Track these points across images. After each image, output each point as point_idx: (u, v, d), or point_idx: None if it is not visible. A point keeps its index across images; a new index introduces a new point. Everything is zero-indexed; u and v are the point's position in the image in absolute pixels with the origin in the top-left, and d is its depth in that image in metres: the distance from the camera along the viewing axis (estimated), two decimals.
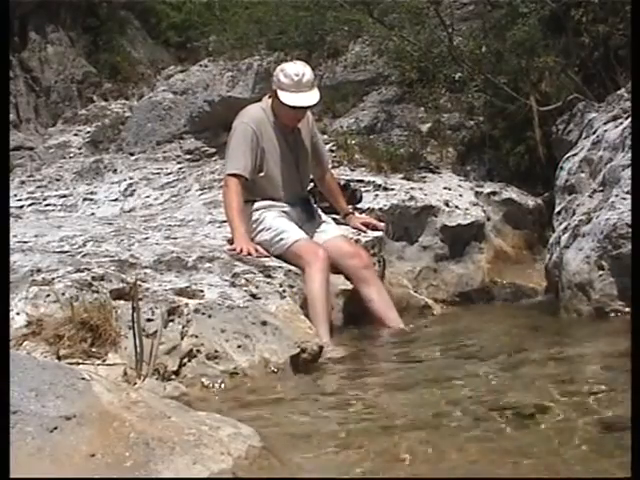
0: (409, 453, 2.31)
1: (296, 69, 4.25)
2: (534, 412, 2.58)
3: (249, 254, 4.06)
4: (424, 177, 5.76)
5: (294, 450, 2.41)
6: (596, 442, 2.28)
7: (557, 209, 4.77)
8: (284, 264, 4.11)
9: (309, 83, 4.26)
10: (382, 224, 4.83)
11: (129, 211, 6.09)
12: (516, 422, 2.50)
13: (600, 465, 2.13)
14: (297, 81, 4.21)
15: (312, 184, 4.75)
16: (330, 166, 4.98)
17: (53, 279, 3.36)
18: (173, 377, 3.18)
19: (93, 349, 3.08)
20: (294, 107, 4.24)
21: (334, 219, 4.67)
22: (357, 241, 4.62)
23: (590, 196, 4.43)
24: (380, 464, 2.27)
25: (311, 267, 4.07)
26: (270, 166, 4.31)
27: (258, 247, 4.16)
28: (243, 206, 4.22)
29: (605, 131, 4.59)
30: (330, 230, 4.46)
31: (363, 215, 4.86)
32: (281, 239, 4.22)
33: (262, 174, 4.30)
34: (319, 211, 4.59)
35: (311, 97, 4.27)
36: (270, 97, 4.38)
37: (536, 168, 5.77)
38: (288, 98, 4.21)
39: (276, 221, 4.27)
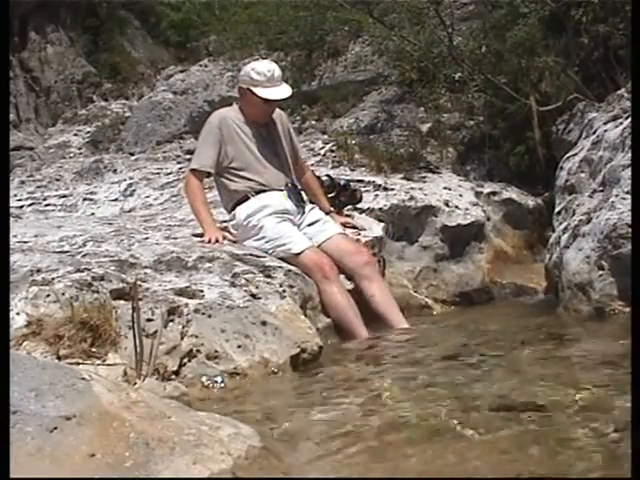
0: (409, 452, 2.31)
1: (267, 66, 4.50)
2: (533, 412, 2.58)
3: (217, 241, 4.22)
4: (424, 177, 5.76)
5: (294, 450, 2.41)
6: (596, 442, 2.28)
7: (557, 209, 4.77)
8: (284, 264, 4.11)
9: (279, 78, 4.48)
10: (363, 226, 4.81)
11: (129, 211, 6.09)
12: (515, 422, 2.50)
13: (600, 465, 2.13)
14: (270, 76, 4.42)
15: None
16: (311, 163, 5.09)
17: (53, 279, 3.36)
18: (173, 377, 3.17)
19: (93, 349, 3.08)
20: (271, 100, 4.42)
21: None
22: (357, 241, 4.63)
23: (590, 196, 4.43)
24: (380, 464, 2.26)
25: (324, 283, 4.17)
26: (247, 157, 4.44)
27: (226, 234, 4.35)
28: (206, 198, 4.47)
29: (605, 131, 4.58)
30: (330, 229, 4.48)
31: (345, 216, 4.84)
32: (285, 247, 4.26)
33: (235, 164, 4.43)
34: (317, 208, 4.60)
35: (285, 90, 4.49)
36: (237, 102, 4.58)
37: (536, 168, 5.77)
38: (264, 92, 4.40)
39: (276, 229, 4.30)
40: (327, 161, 6.12)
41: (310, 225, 4.46)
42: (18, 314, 3.16)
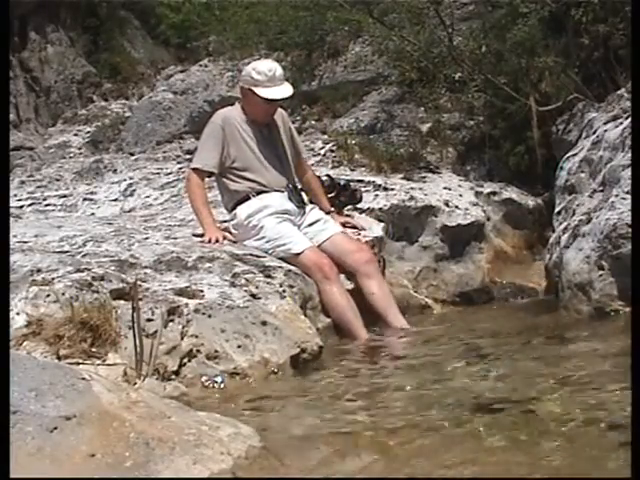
0: (409, 452, 2.31)
1: (268, 65, 4.47)
2: (533, 412, 2.58)
3: (217, 241, 4.22)
4: (424, 177, 5.75)
5: (294, 450, 2.41)
6: (596, 442, 2.28)
7: (557, 209, 4.77)
8: (284, 264, 4.11)
9: (281, 77, 4.46)
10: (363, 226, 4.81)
11: (129, 211, 6.08)
12: (516, 422, 2.50)
13: (600, 465, 2.13)
14: (271, 76, 4.39)
15: None
16: (311, 163, 5.11)
17: (53, 279, 3.36)
18: (173, 377, 3.17)
19: (93, 349, 3.08)
20: (272, 100, 4.39)
21: None
22: (357, 240, 4.62)
23: (590, 196, 4.43)
24: (380, 463, 2.27)
25: (324, 283, 4.17)
26: (249, 157, 4.42)
27: (226, 234, 4.35)
28: (207, 197, 4.46)
29: (605, 131, 4.59)
30: (330, 228, 4.48)
31: (345, 216, 4.83)
32: (285, 247, 4.25)
33: (237, 165, 4.42)
34: (317, 208, 4.59)
35: (286, 90, 4.46)
36: (240, 101, 4.55)
37: (536, 168, 5.76)
38: (265, 92, 4.37)
39: (277, 229, 4.30)
40: (327, 161, 6.11)
41: (310, 225, 4.46)
42: (18, 314, 3.16)
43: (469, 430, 2.47)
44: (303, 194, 4.56)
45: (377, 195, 5.28)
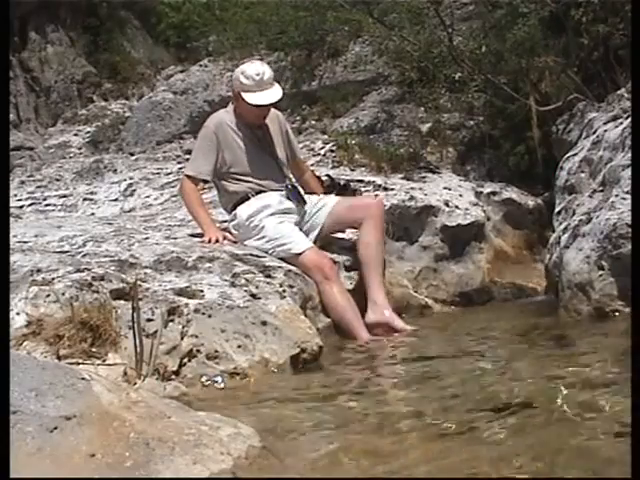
0: (409, 452, 2.31)
1: (256, 69, 4.40)
2: (533, 412, 2.58)
3: (217, 241, 4.22)
4: (424, 177, 5.76)
5: (294, 450, 2.40)
6: (595, 442, 2.28)
7: (557, 209, 4.77)
8: (284, 264, 4.12)
9: (270, 80, 4.40)
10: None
11: (129, 211, 6.09)
12: (515, 422, 2.50)
13: (599, 465, 2.13)
14: (258, 80, 4.35)
15: None
16: (311, 163, 5.16)
17: (53, 279, 3.36)
18: (173, 377, 3.17)
19: (93, 349, 3.08)
20: (258, 105, 4.37)
21: None
22: None
23: (590, 196, 4.43)
24: (380, 464, 2.26)
25: (324, 284, 4.16)
26: (244, 161, 4.43)
27: (227, 234, 4.35)
28: (203, 200, 4.53)
29: (605, 131, 4.58)
30: (330, 201, 4.52)
31: None
32: (286, 247, 4.25)
33: (233, 169, 4.42)
34: (312, 197, 4.60)
35: (274, 94, 4.41)
36: (233, 102, 4.54)
37: (536, 168, 5.77)
38: (252, 98, 4.35)
39: (277, 229, 4.30)
40: (327, 161, 6.11)
41: (315, 214, 4.47)
42: (18, 314, 3.16)
43: (469, 430, 2.46)
44: (301, 190, 4.56)
45: (377, 195, 5.28)
